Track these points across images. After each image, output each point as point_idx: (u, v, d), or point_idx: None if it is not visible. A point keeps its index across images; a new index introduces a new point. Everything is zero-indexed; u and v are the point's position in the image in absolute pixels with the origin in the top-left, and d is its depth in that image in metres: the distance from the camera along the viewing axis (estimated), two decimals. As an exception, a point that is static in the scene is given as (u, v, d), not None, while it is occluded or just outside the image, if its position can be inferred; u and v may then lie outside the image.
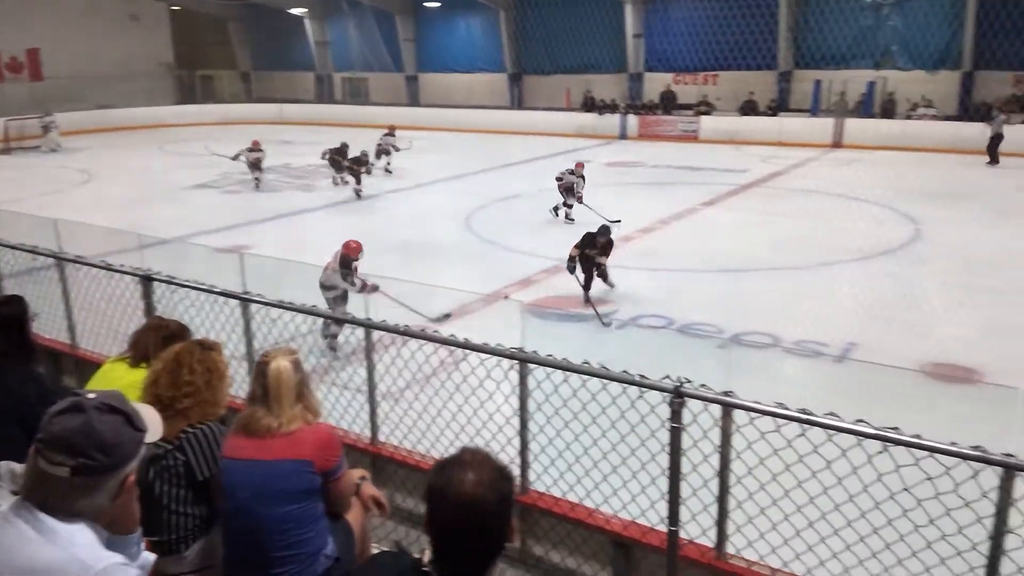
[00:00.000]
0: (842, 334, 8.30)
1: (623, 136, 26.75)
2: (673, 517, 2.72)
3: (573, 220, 13.56)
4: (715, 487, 2.83)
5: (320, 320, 6.55)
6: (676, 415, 2.60)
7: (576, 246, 9.40)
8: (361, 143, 17.99)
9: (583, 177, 13.91)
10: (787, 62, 26.23)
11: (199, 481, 2.60)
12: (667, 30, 28.59)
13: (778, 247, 12.15)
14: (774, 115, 25.22)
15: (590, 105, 28.47)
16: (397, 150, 19.38)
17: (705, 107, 26.49)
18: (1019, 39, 21.90)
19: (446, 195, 17.19)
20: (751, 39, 26.36)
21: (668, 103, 27.57)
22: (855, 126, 22.96)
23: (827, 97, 24.76)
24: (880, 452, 2.39)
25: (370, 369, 4.02)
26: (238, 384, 3.55)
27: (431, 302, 8.22)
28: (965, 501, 2.39)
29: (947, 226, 13.11)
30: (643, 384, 2.70)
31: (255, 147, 17.72)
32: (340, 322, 6.46)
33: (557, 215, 14.04)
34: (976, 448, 2.29)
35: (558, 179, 13.92)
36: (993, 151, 19.14)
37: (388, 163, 19.40)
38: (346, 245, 8.35)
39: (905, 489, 2.48)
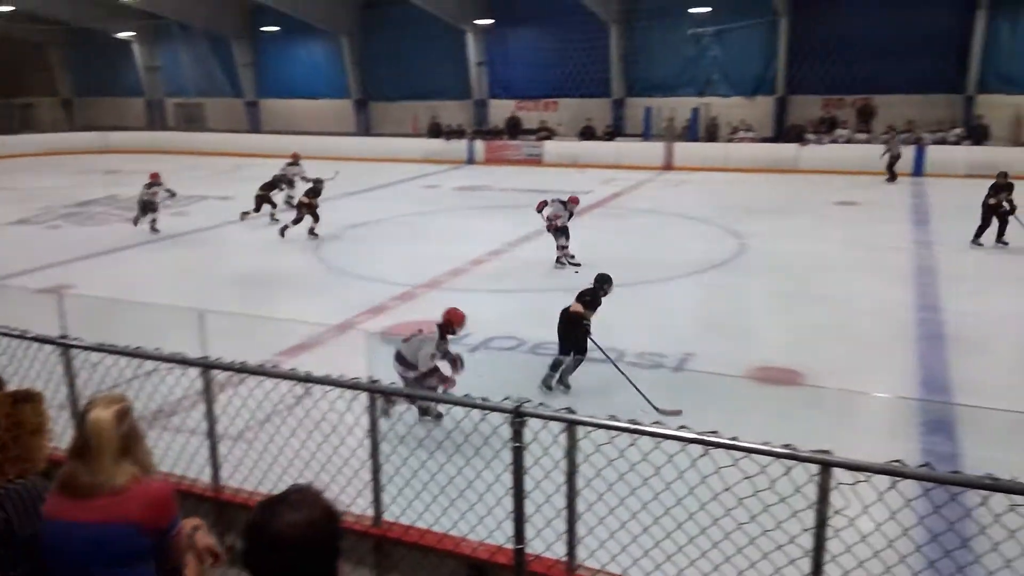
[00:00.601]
0: (680, 345, 8.80)
1: (471, 161, 27.14)
2: (519, 535, 2.79)
3: (580, 265, 11.97)
4: (560, 501, 2.92)
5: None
6: (517, 435, 2.68)
7: (587, 306, 7.86)
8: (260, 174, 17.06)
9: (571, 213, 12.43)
10: (620, 90, 27.66)
11: (19, 540, 2.39)
12: (508, 59, 29.42)
13: (619, 264, 12.69)
14: (611, 139, 26.49)
15: (437, 131, 28.71)
16: (304, 181, 16.79)
17: (547, 132, 27.40)
18: (825, 66, 24.23)
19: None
20: (587, 68, 27.63)
21: (513, 128, 28.28)
22: (684, 149, 24.51)
23: (658, 122, 26.30)
24: (702, 455, 2.56)
25: (209, 409, 3.84)
26: (60, 436, 3.29)
27: (276, 334, 7.95)
28: (780, 497, 2.61)
29: (769, 240, 14.21)
30: (484, 407, 2.76)
31: (154, 181, 15.52)
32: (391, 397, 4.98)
33: (564, 264, 12.32)
34: (787, 447, 2.50)
35: (553, 218, 12.21)
36: (891, 170, 20.70)
37: (290, 196, 17.14)
38: (450, 313, 6.97)
39: (727, 489, 2.68)
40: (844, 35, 23.50)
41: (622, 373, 7.49)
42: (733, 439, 2.44)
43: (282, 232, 14.76)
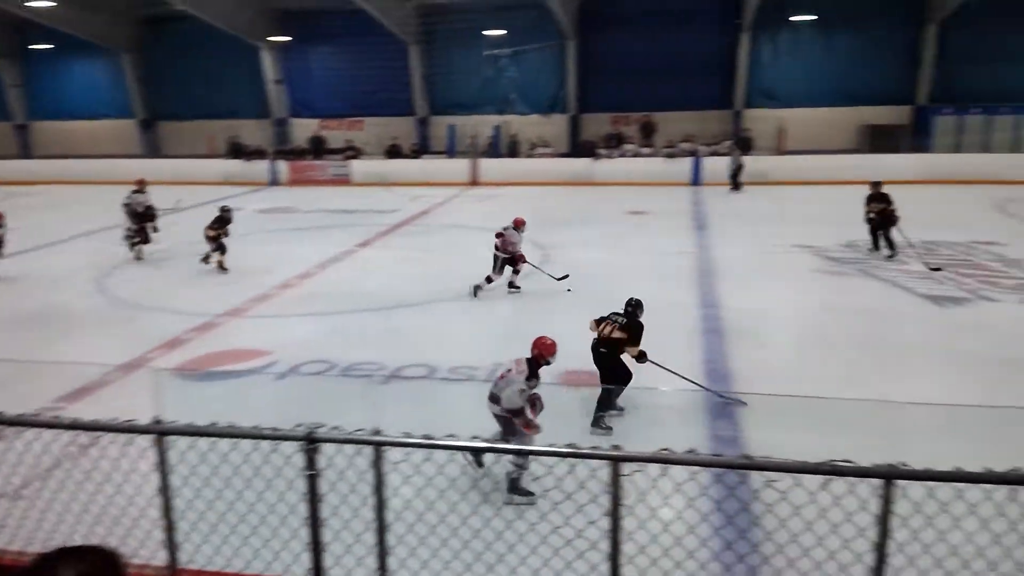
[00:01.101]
0: (491, 356, 9.02)
1: (273, 182, 26.25)
2: (317, 568, 2.76)
3: (519, 288, 11.92)
4: (358, 527, 2.93)
5: None
6: (311, 462, 2.67)
7: (624, 330, 7.38)
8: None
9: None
10: (424, 109, 27.98)
11: None
12: (309, 77, 28.83)
13: (429, 280, 12.85)
14: (417, 157, 26.71)
15: (236, 151, 27.50)
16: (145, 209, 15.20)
17: (353, 151, 27.10)
18: (612, 86, 25.93)
19: (74, 256, 15.36)
20: (390, 87, 27.74)
21: (317, 148, 27.70)
22: (488, 165, 25.23)
23: (462, 140, 26.87)
24: (494, 463, 2.69)
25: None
26: None
27: (56, 378, 7.28)
28: (567, 494, 2.79)
29: (570, 249, 14.93)
30: (274, 436, 2.72)
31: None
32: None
33: (518, 288, 11.98)
34: (570, 445, 2.68)
35: (511, 245, 11.72)
36: (735, 180, 22.24)
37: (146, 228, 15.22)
38: (538, 344, 6.19)
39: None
40: (627, 57, 25.34)
41: (690, 380, 7.55)
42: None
43: (214, 264, 13.61)
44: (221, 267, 13.57)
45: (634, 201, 20.44)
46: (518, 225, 11.99)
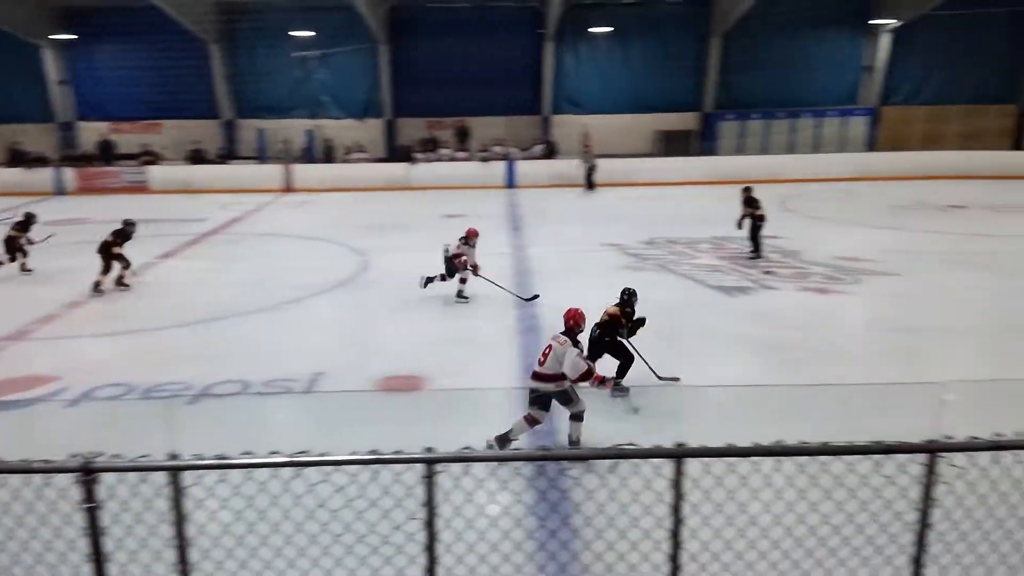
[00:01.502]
0: (310, 366, 8.77)
1: (59, 192, 23.95)
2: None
3: (467, 299, 11.55)
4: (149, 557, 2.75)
5: None
6: (89, 494, 2.46)
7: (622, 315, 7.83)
8: None
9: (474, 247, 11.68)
10: (229, 112, 26.66)
11: None
12: (97, 77, 26.59)
13: (244, 291, 12.28)
14: (224, 163, 25.39)
15: (16, 159, 24.81)
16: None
17: (151, 157, 25.30)
18: (426, 91, 26.02)
19: None
20: (190, 89, 26.16)
21: (107, 153, 25.58)
22: (302, 171, 24.47)
23: (273, 144, 25.88)
24: (294, 477, 2.62)
25: None
26: None
27: None
28: (396, 500, 2.78)
29: (388, 254, 14.83)
30: (46, 469, 2.49)
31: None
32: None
33: (466, 299, 11.61)
34: (372, 452, 2.65)
35: (454, 256, 11.43)
36: (589, 180, 22.95)
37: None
38: (573, 315, 6.59)
39: (320, 505, 2.78)
40: (440, 63, 25.56)
41: (632, 347, 7.90)
42: (323, 455, 2.53)
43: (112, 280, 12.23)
44: (122, 284, 12.36)
45: (451, 204, 20.64)
46: (469, 235, 11.72)
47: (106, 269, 12.07)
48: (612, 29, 25.86)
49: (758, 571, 3.18)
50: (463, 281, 11.69)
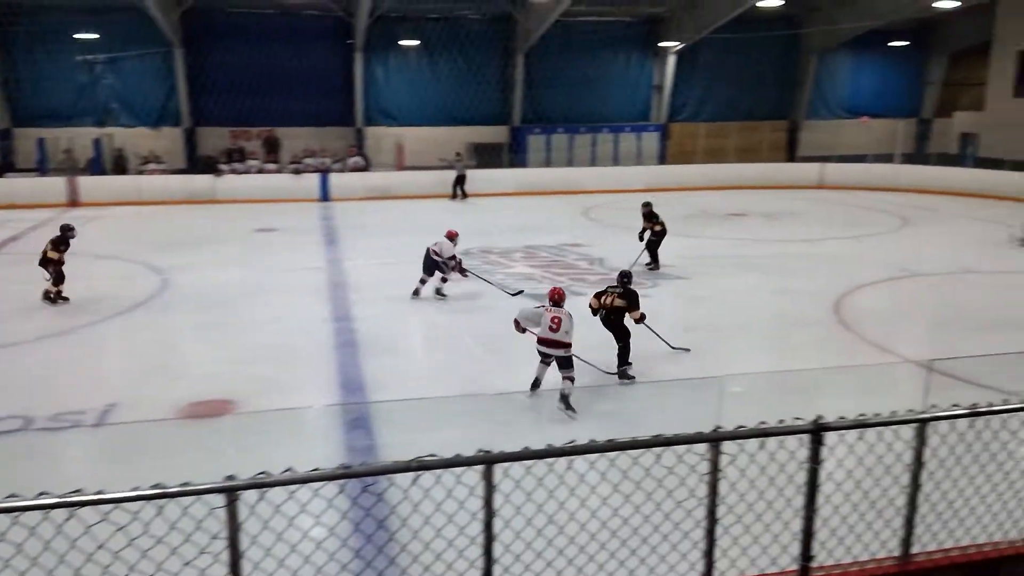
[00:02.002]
0: (103, 397, 8.13)
1: None
2: None
3: (446, 296, 12.38)
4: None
5: None
6: None
7: (624, 298, 8.80)
8: None
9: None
10: (5, 120, 24.03)
11: None
12: None
13: (24, 317, 11.16)
14: (0, 175, 22.84)
15: None
16: None
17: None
18: (229, 98, 24.82)
19: None
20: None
21: None
22: (89, 183, 22.45)
23: (55, 154, 23.61)
24: (67, 519, 2.46)
25: None
26: None
27: None
28: (185, 535, 2.68)
29: (192, 272, 14.03)
30: None
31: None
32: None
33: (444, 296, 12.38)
34: (157, 486, 2.53)
35: (442, 257, 12.09)
36: (458, 189, 23.39)
37: None
38: (557, 292, 8.22)
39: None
40: (243, 70, 24.52)
41: (653, 332, 9.09)
42: (98, 492, 2.40)
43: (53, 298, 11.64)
44: (61, 297, 11.70)
45: (261, 218, 19.88)
46: (451, 237, 12.40)
47: (57, 278, 11.66)
48: (420, 42, 26.08)
49: (571, 560, 3.38)
50: (444, 280, 12.36)
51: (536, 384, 8.07)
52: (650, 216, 14.57)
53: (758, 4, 23.58)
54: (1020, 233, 16.66)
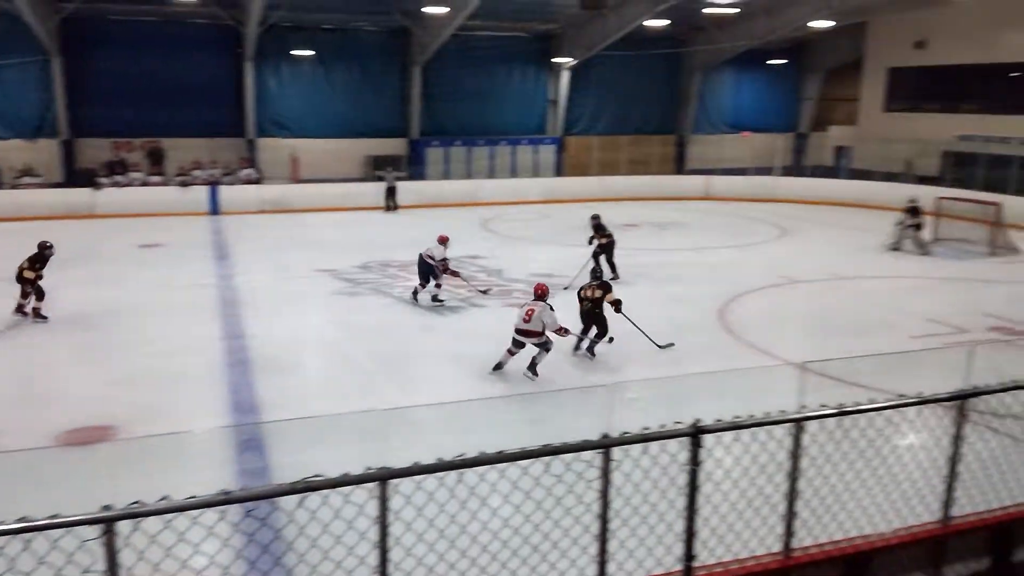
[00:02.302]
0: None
1: None
2: None
3: (443, 301, 13.00)
4: None
5: None
6: None
7: (603, 289, 10.12)
8: None
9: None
10: None
11: None
12: None
13: None
14: None
15: None
16: None
17: None
18: (111, 109, 23.63)
19: None
20: None
21: None
22: (-45, 198, 20.98)
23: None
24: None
25: None
26: None
27: None
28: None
29: (69, 291, 13.25)
30: None
31: None
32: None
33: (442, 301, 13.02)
34: (22, 520, 2.42)
35: (435, 260, 12.79)
36: (390, 200, 23.67)
37: None
38: (541, 287, 9.66)
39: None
40: (126, 79, 23.43)
41: (632, 323, 10.15)
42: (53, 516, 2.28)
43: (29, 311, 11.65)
44: (39, 315, 11.64)
45: (146, 233, 19.02)
46: (442, 241, 13.08)
47: (25, 294, 11.66)
48: (314, 53, 25.64)
49: (464, 573, 3.40)
50: (439, 286, 12.83)
51: (499, 367, 9.38)
52: (599, 228, 14.87)
53: (645, 23, 24.48)
54: (890, 240, 17.91)
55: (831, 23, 24.44)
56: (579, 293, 10.40)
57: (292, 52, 25.41)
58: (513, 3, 23.65)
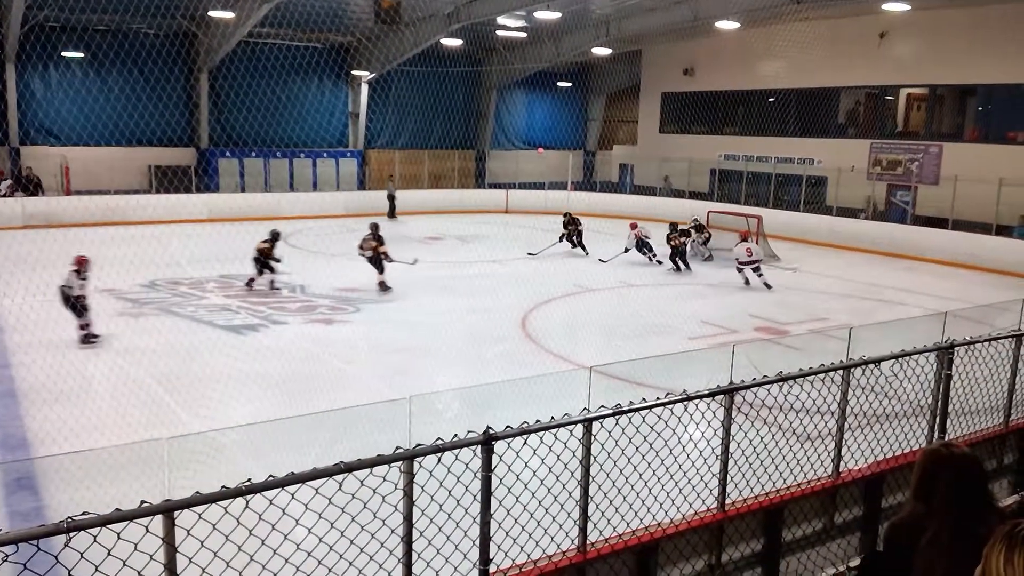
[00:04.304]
0: None
1: None
2: None
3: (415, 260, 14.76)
4: None
5: None
6: None
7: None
8: None
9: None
10: None
11: None
12: None
13: None
14: None
15: None
16: None
17: None
18: None
19: None
20: None
21: None
22: None
23: None
24: None
25: None
26: None
27: None
28: None
29: None
30: None
31: None
32: None
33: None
34: None
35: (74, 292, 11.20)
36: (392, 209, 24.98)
37: None
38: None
39: None
40: None
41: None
42: None
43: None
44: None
45: None
46: (79, 265, 11.46)
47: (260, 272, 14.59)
48: (86, 55, 23.58)
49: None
50: (85, 328, 11.21)
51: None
52: (572, 221, 20.19)
53: (442, 42, 24.97)
54: (703, 255, 19.54)
55: (609, 50, 26.26)
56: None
57: (61, 54, 23.22)
58: (305, 13, 23.19)
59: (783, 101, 26.07)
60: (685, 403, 4.27)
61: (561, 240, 20.01)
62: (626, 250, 18.80)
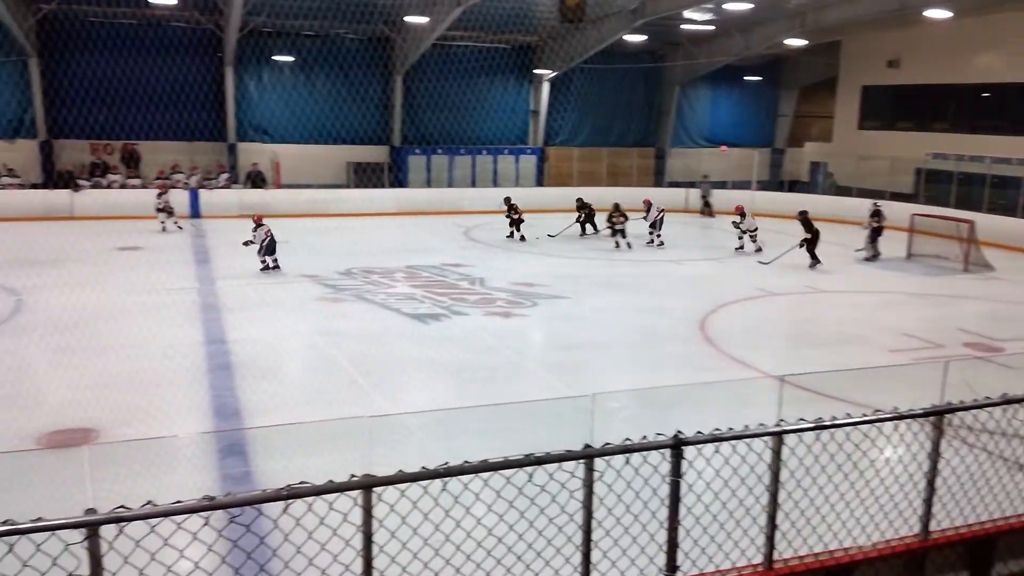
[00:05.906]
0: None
1: None
2: None
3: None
4: None
5: None
6: None
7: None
8: None
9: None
10: None
11: None
12: None
13: None
14: None
15: None
16: None
17: None
18: (89, 110, 23.38)
19: None
20: None
21: None
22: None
23: None
24: None
25: None
26: None
27: None
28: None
29: (48, 293, 13.17)
30: None
31: None
32: None
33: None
34: (7, 522, 2.43)
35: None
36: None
37: None
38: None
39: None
40: (105, 81, 23.19)
41: None
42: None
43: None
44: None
45: (124, 236, 18.89)
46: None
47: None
48: (295, 59, 25.62)
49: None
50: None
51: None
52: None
53: (623, 38, 24.73)
54: (867, 253, 18.25)
55: (804, 41, 24.83)
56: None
57: (273, 57, 25.38)
58: (493, 15, 23.81)
59: (1000, 96, 23.50)
60: (895, 422, 3.94)
61: (578, 223, 21.52)
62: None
